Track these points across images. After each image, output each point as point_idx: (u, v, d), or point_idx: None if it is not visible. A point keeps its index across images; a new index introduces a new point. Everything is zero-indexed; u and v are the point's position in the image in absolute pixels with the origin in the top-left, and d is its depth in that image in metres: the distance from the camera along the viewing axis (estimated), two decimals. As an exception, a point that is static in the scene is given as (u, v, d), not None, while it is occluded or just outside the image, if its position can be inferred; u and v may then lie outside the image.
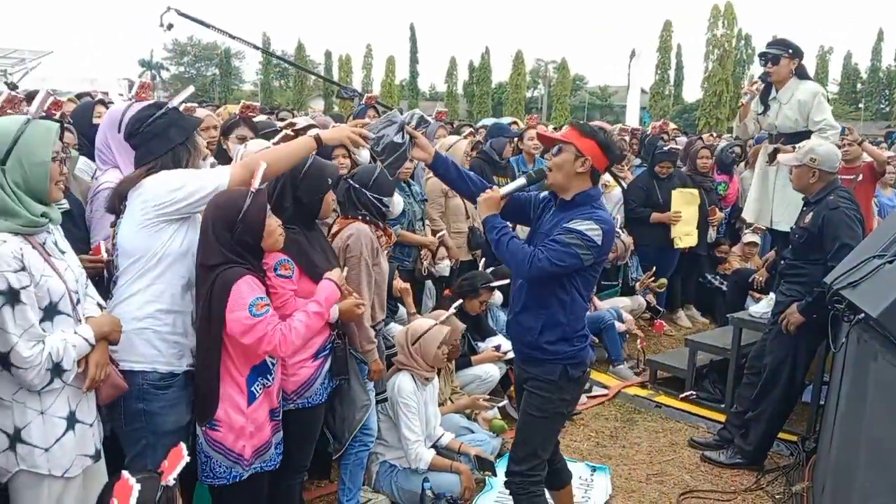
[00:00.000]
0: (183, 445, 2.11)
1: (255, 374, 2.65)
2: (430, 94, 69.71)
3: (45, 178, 2.20)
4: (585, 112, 56.26)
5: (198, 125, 2.83)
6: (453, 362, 4.48)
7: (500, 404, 4.64)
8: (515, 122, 8.45)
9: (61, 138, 2.46)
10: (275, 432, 2.78)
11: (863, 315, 2.95)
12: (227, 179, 2.56)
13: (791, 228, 4.36)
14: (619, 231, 6.40)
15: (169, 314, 2.55)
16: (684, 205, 6.68)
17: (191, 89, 3.09)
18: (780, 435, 4.49)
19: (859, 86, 59.22)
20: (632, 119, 23.58)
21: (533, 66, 61.60)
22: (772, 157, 5.18)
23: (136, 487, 1.88)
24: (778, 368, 4.20)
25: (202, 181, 2.55)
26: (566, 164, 2.87)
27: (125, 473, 1.93)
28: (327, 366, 3.05)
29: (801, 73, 5.18)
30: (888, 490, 2.63)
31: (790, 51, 5.04)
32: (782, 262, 4.39)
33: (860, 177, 6.36)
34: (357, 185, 3.37)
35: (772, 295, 4.77)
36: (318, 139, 2.72)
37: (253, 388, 2.63)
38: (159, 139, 2.63)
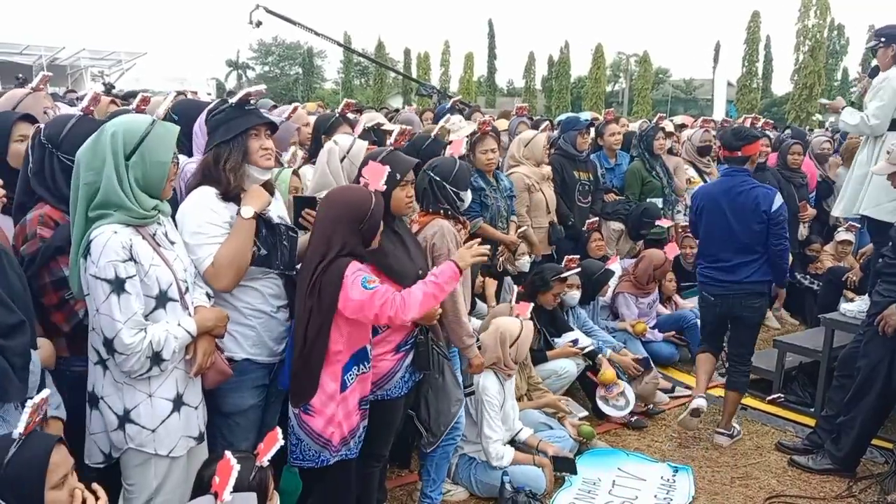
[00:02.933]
0: (279, 429, 2.21)
1: (352, 362, 2.74)
2: (509, 90, 69.40)
3: (163, 176, 2.34)
4: (669, 106, 54.85)
5: (253, 127, 2.69)
6: (528, 356, 4.47)
7: (582, 414, 4.59)
8: (596, 118, 8.32)
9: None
10: (361, 421, 2.86)
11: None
12: (208, 263, 2.57)
13: (893, 225, 4.14)
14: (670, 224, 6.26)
15: (222, 306, 2.65)
16: None
17: (261, 87, 3.09)
18: (874, 441, 4.29)
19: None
20: (718, 113, 22.88)
21: (614, 59, 60.47)
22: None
23: (237, 468, 1.98)
24: (873, 372, 4.01)
25: (203, 252, 2.58)
26: None
27: (227, 454, 2.03)
28: (408, 360, 3.09)
29: None
30: None
31: (883, 39, 4.79)
32: (880, 260, 4.18)
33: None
34: (438, 179, 3.40)
35: (866, 296, 4.56)
36: (253, 214, 2.62)
37: (346, 377, 2.72)
38: (211, 134, 2.74)
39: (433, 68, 59.84)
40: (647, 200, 6.22)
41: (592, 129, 6.47)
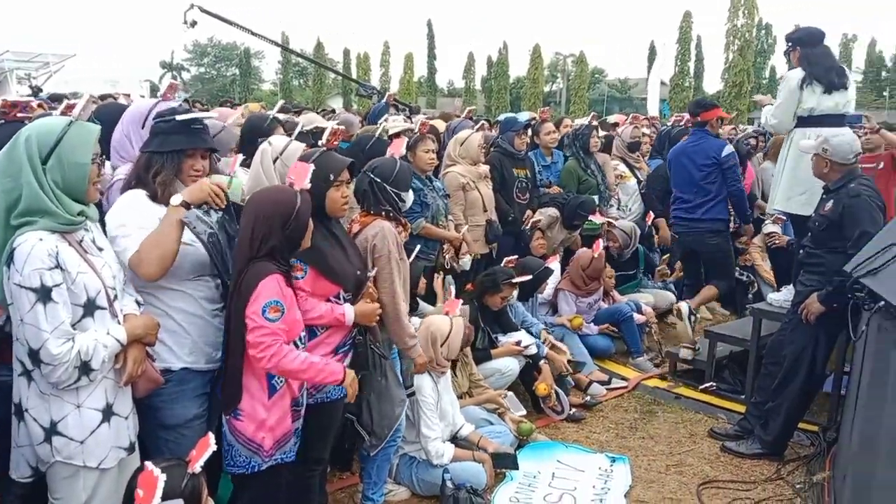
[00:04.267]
0: (211, 435, 2.18)
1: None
2: (449, 91, 69.62)
3: (83, 178, 2.27)
4: (605, 105, 55.91)
5: (191, 150, 2.69)
6: (470, 353, 4.51)
7: (521, 413, 4.66)
8: (534, 118, 8.44)
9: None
10: (296, 425, 2.83)
11: (883, 303, 2.95)
12: (133, 250, 2.52)
13: (811, 216, 4.33)
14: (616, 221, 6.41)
15: (153, 313, 2.60)
16: None
17: (213, 115, 3.05)
18: (801, 425, 4.48)
19: (884, 74, 58.26)
20: (652, 112, 23.43)
21: (551, 59, 61.34)
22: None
23: (162, 478, 1.94)
24: (798, 358, 4.19)
25: (130, 242, 2.52)
26: None
27: (148, 464, 1.99)
28: (347, 361, 3.07)
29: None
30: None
31: (790, 43, 5.02)
32: (801, 251, 4.37)
33: (881, 164, 6.30)
34: (379, 180, 3.39)
35: (791, 286, 4.75)
36: (185, 204, 2.56)
37: (274, 381, 2.68)
38: (152, 137, 2.71)
39: (373, 69, 59.72)
40: (586, 195, 6.35)
41: (529, 129, 6.56)
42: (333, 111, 10.46)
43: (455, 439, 3.99)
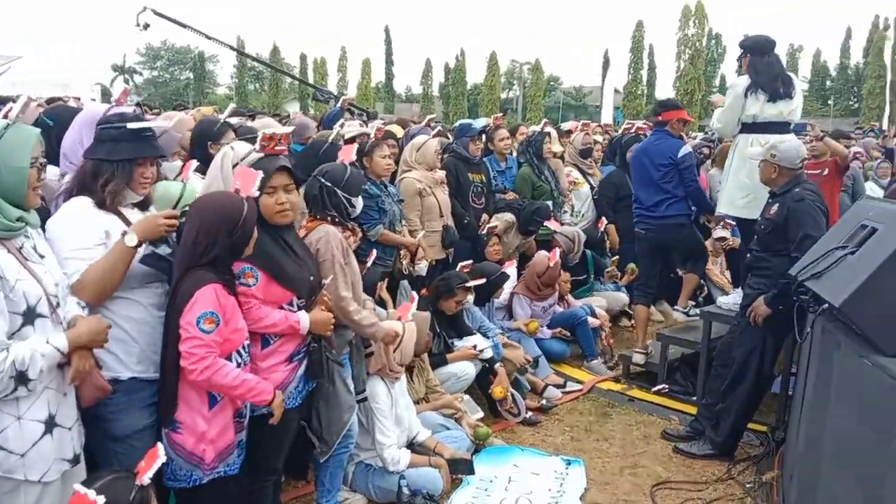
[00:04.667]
0: (160, 445, 2.13)
1: None
2: (407, 96, 69.69)
3: (21, 182, 2.19)
4: (560, 112, 56.55)
5: (140, 159, 2.65)
6: (427, 359, 4.50)
7: (479, 416, 4.67)
8: (488, 124, 8.50)
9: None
10: (239, 437, 2.77)
11: (826, 305, 3.02)
12: (76, 278, 2.47)
13: (757, 220, 4.44)
14: (560, 228, 6.46)
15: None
16: None
17: (166, 125, 2.98)
18: (750, 425, 4.57)
19: (829, 83, 60.18)
20: (606, 118, 23.85)
21: (508, 67, 61.84)
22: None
23: (100, 500, 1.89)
24: (746, 360, 4.28)
25: (75, 266, 2.48)
26: None
27: (77, 488, 1.93)
28: (301, 369, 3.04)
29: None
30: (852, 480, 2.71)
31: (741, 50, 5.14)
32: (748, 254, 4.47)
33: (826, 171, 6.50)
34: (329, 184, 3.37)
35: (740, 289, 4.86)
36: (137, 243, 2.53)
37: (215, 392, 2.63)
38: (97, 145, 2.64)
39: (330, 74, 59.40)
40: (542, 201, 6.41)
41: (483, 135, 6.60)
42: (288, 115, 10.35)
43: (411, 445, 3.97)
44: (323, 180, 3.38)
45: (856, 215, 3.27)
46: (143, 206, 2.76)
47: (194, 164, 3.21)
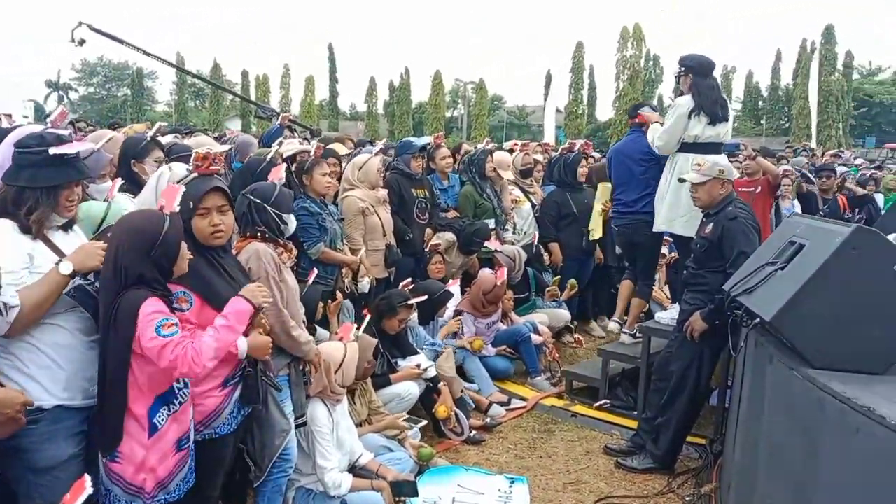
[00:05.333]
0: (87, 477, 2.04)
1: (159, 404, 2.57)
2: (351, 114, 69.50)
3: None
4: (504, 131, 57.24)
5: (67, 184, 2.57)
6: (370, 380, 4.45)
7: (421, 425, 4.65)
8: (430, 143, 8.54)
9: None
10: (182, 463, 2.69)
11: (758, 320, 3.12)
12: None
13: (693, 239, 4.54)
14: (500, 247, 6.51)
15: (22, 349, 2.46)
16: (605, 196, 6.91)
17: (90, 147, 2.89)
18: (689, 438, 4.65)
19: (760, 103, 62.50)
20: (548, 137, 24.24)
21: (452, 86, 62.37)
22: None
23: None
24: (684, 374, 4.36)
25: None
26: None
27: None
28: (237, 394, 2.97)
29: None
30: (785, 488, 2.78)
31: (683, 69, 5.25)
32: (685, 271, 4.57)
33: (759, 189, 6.74)
34: (258, 201, 3.32)
35: (677, 304, 4.96)
36: (73, 273, 2.49)
37: (155, 420, 2.55)
38: (18, 171, 2.53)
39: (273, 91, 58.86)
40: (481, 221, 6.44)
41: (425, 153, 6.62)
42: (224, 134, 10.19)
43: (353, 469, 3.91)
44: (251, 197, 3.34)
45: (785, 232, 3.39)
46: (67, 227, 2.67)
47: (118, 182, 3.12)
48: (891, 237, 3.23)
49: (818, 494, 2.47)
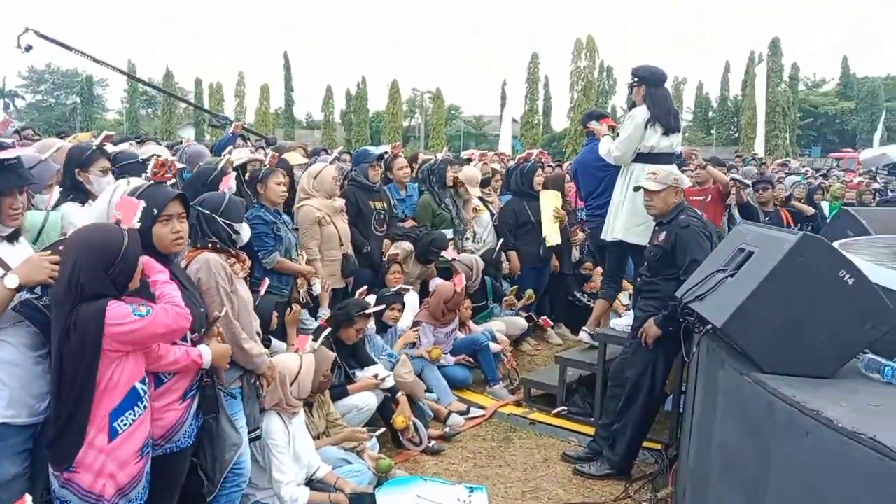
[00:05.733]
0: (28, 497, 1.98)
1: (121, 409, 2.51)
2: (308, 123, 69.06)
3: None
4: (461, 141, 57.53)
5: (10, 191, 2.51)
6: (327, 392, 4.41)
7: (378, 432, 4.62)
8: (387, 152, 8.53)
9: None
10: (142, 470, 2.63)
11: (710, 326, 3.17)
12: None
13: (646, 247, 4.61)
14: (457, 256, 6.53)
15: None
16: (553, 203, 7.02)
17: (26, 152, 2.84)
18: (645, 444, 4.70)
19: (711, 114, 64.03)
20: (504, 147, 24.44)
21: (409, 95, 62.52)
22: None
23: None
24: (639, 380, 4.41)
25: None
26: None
27: None
28: (195, 406, 2.94)
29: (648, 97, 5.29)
30: (737, 490, 2.83)
31: (636, 79, 5.32)
32: (639, 279, 4.64)
33: (709, 197, 6.89)
34: (207, 212, 3.28)
35: (632, 311, 5.03)
36: (20, 287, 2.44)
37: (116, 424, 2.49)
38: None
39: (227, 99, 58.20)
40: (438, 231, 6.45)
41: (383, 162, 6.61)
42: (180, 142, 10.03)
43: (310, 482, 3.86)
44: (200, 208, 3.29)
45: (734, 239, 3.46)
46: (12, 238, 2.59)
47: (56, 191, 3.05)
48: (836, 244, 3.34)
49: (770, 496, 2.52)
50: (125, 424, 2.51)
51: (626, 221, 5.26)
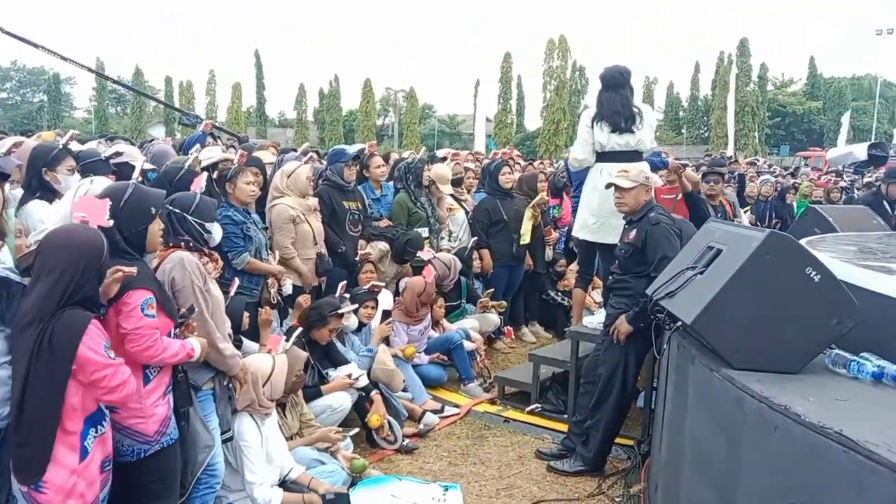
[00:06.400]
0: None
1: (88, 425, 2.49)
2: (280, 121, 68.55)
3: None
4: (435, 140, 57.51)
5: None
6: (301, 393, 4.38)
7: (352, 433, 4.60)
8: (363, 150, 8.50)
9: None
10: (104, 485, 2.61)
11: (680, 323, 3.21)
12: None
13: (617, 245, 4.65)
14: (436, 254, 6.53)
15: None
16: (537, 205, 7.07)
17: None
18: (618, 440, 4.73)
19: (681, 113, 64.72)
20: (479, 146, 24.51)
21: (383, 94, 62.30)
22: None
23: None
24: (611, 377, 4.45)
25: None
26: None
27: None
28: (171, 402, 2.97)
29: None
30: (708, 485, 2.86)
31: (602, 84, 5.42)
32: (610, 276, 4.68)
33: (679, 196, 6.95)
34: (178, 211, 3.27)
35: (604, 309, 5.06)
36: None
37: (86, 443, 2.46)
38: None
39: (198, 97, 57.56)
40: (414, 230, 6.44)
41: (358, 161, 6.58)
42: (151, 140, 9.91)
43: (284, 483, 3.83)
44: (171, 208, 3.28)
45: (702, 237, 3.50)
46: None
47: (7, 187, 3.01)
48: (803, 242, 3.39)
49: (740, 490, 2.55)
50: (91, 442, 2.50)
51: (583, 218, 5.37)
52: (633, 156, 5.22)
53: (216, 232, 3.40)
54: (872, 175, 15.06)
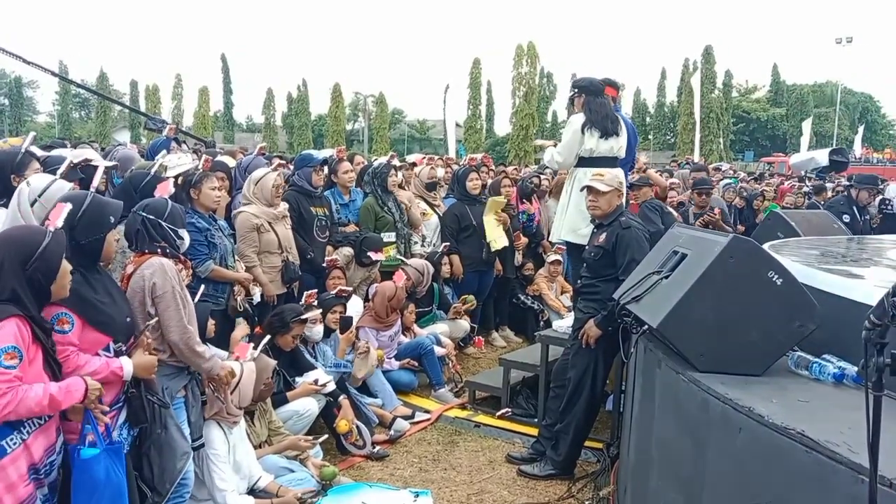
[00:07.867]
0: None
1: (9, 427, 2.41)
2: (248, 126, 67.97)
3: None
4: (405, 145, 57.48)
5: None
6: (269, 401, 4.33)
7: (322, 440, 4.57)
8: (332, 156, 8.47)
9: None
10: (38, 491, 2.52)
11: (646, 327, 3.24)
12: None
13: (586, 248, 4.68)
14: (407, 261, 6.53)
15: None
16: (496, 209, 7.08)
17: None
18: (588, 443, 4.76)
19: (648, 119, 65.55)
20: (451, 151, 24.60)
21: (352, 99, 62.14)
22: None
23: None
24: (580, 380, 4.47)
25: None
26: None
27: None
28: (122, 418, 2.90)
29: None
30: (675, 486, 2.89)
31: (576, 90, 5.46)
32: (579, 280, 4.71)
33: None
34: (153, 217, 3.23)
35: (573, 313, 5.10)
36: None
37: (3, 442, 2.39)
38: None
39: (164, 102, 56.84)
40: (381, 234, 6.42)
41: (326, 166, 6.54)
42: (116, 146, 9.75)
43: (253, 492, 3.79)
44: (144, 214, 3.24)
45: (668, 242, 3.54)
46: None
47: None
48: (766, 246, 3.45)
49: (706, 491, 2.58)
50: (14, 444, 2.42)
51: (573, 224, 5.36)
52: (612, 162, 5.29)
53: (186, 238, 3.38)
54: (835, 180, 15.42)
